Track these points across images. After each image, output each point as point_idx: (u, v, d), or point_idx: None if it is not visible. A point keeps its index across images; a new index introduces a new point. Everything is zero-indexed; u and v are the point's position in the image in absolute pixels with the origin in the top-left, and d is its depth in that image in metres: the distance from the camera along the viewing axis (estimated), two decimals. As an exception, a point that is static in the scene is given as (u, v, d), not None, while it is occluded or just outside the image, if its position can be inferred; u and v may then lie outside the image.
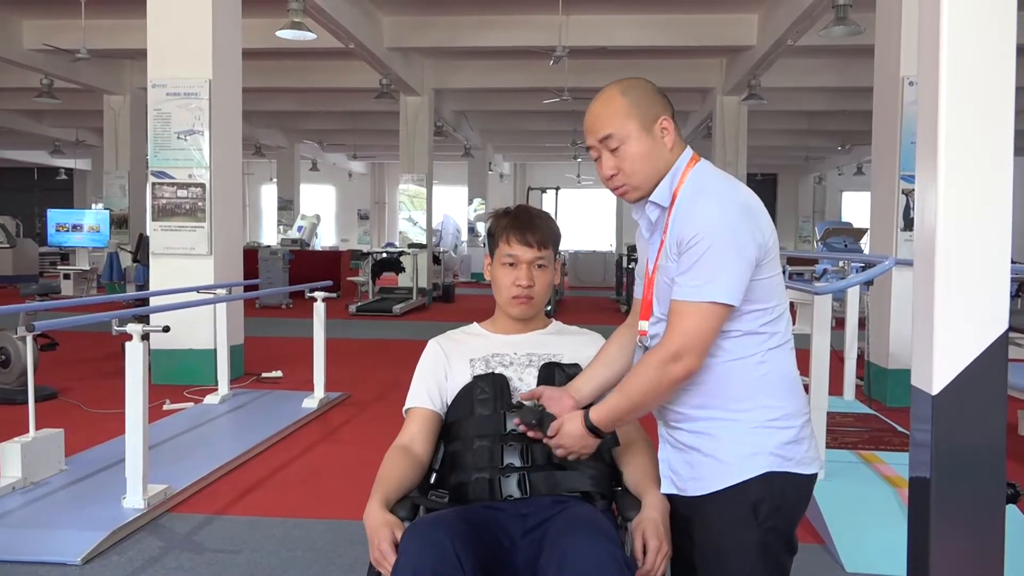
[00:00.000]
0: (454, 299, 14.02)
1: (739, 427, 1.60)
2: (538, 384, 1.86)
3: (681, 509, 1.68)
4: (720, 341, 1.59)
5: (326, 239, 25.40)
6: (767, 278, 1.59)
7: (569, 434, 1.65)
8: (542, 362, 1.90)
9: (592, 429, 1.64)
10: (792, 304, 4.88)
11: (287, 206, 21.62)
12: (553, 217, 2.00)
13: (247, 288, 7.28)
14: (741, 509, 1.58)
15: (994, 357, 1.56)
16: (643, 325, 1.71)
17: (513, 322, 1.98)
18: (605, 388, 1.79)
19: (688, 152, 1.67)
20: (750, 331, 1.60)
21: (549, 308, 9.90)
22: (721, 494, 1.60)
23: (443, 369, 1.93)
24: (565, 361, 1.90)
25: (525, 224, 1.91)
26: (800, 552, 1.70)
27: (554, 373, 1.87)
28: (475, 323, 2.06)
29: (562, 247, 2.07)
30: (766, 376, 1.60)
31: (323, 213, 22.41)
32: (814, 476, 1.65)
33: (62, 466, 3.81)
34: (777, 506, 1.59)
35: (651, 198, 1.66)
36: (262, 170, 24.48)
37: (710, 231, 1.53)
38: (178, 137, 6.29)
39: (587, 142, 1.68)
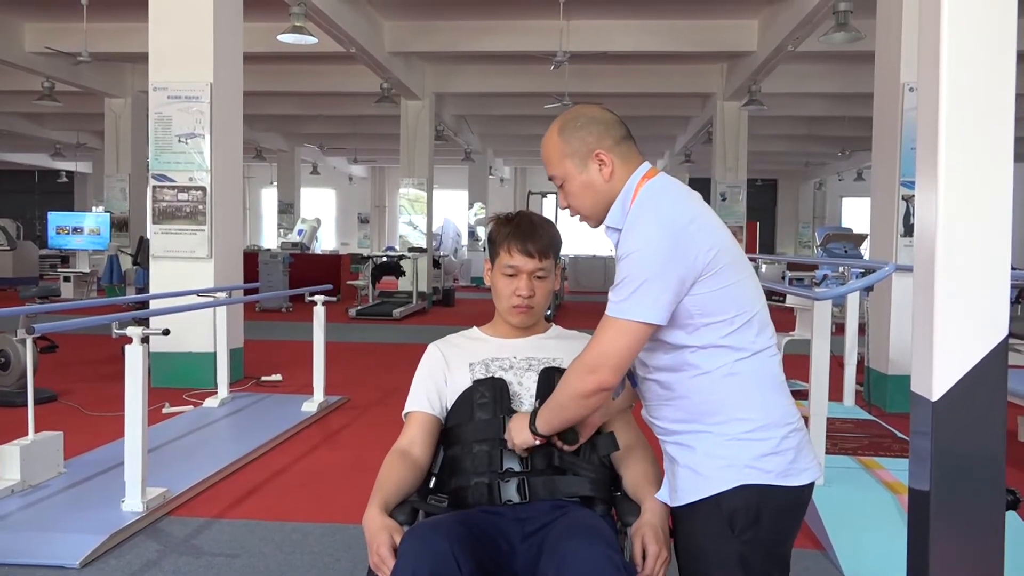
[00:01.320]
0: (454, 303, 14.02)
1: (713, 439, 1.58)
2: (537, 387, 1.86)
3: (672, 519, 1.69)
4: (685, 356, 1.59)
5: (326, 243, 25.41)
6: (720, 289, 1.56)
7: (518, 435, 1.74)
8: (542, 366, 1.90)
9: (535, 432, 1.71)
10: (792, 310, 4.90)
11: (287, 209, 21.64)
12: (554, 223, 2.00)
13: (247, 291, 7.27)
14: (717, 522, 1.57)
15: (994, 363, 1.56)
16: None
17: (513, 327, 1.98)
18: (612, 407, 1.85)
19: (642, 169, 1.66)
20: (711, 344, 1.57)
21: (549, 312, 9.85)
22: (698, 506, 1.59)
23: (443, 373, 1.93)
24: (565, 366, 1.90)
25: (527, 234, 1.89)
26: (800, 559, 1.70)
27: (553, 377, 1.86)
28: (475, 327, 2.05)
29: (562, 252, 2.07)
30: (737, 388, 1.58)
31: (323, 217, 22.44)
32: (803, 488, 1.60)
33: (61, 469, 3.80)
34: (754, 519, 1.56)
35: (606, 223, 1.68)
36: (263, 173, 24.51)
37: (637, 250, 1.54)
38: (179, 140, 6.30)
39: None
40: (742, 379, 1.58)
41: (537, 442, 1.72)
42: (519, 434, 1.73)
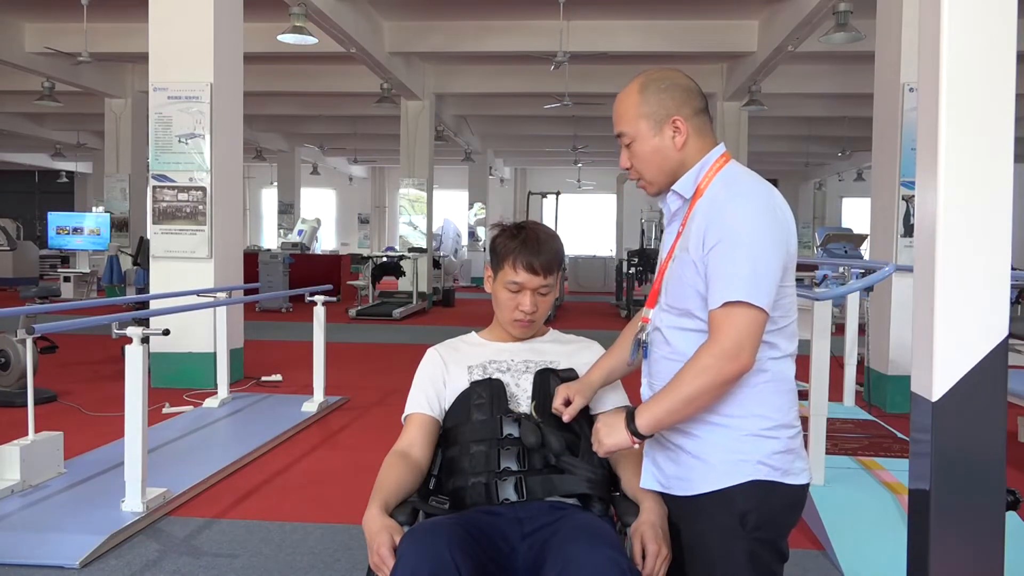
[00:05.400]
0: (454, 303, 14.02)
1: (729, 433, 1.58)
2: (533, 389, 1.86)
3: (671, 511, 1.68)
4: None
5: (326, 243, 25.41)
6: (786, 286, 1.58)
7: (611, 439, 1.62)
8: (538, 368, 1.90)
9: (635, 433, 1.59)
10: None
11: (287, 210, 21.64)
12: (557, 233, 1.98)
13: (247, 292, 7.27)
14: (729, 520, 1.57)
15: (994, 363, 1.56)
16: (646, 313, 1.72)
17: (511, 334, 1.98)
18: (613, 375, 1.86)
19: (719, 149, 1.66)
20: None
21: (549, 313, 9.75)
22: (708, 501, 1.59)
23: (441, 376, 1.93)
24: (561, 366, 1.91)
25: (533, 250, 1.87)
26: (800, 559, 1.70)
27: (549, 378, 1.87)
28: (473, 332, 2.06)
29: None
30: (765, 385, 1.58)
31: (323, 217, 22.45)
32: (805, 487, 1.63)
33: (61, 469, 3.80)
34: (765, 518, 1.58)
35: (674, 187, 1.65)
36: (263, 174, 24.51)
37: (745, 233, 1.51)
38: (179, 140, 6.30)
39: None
40: (769, 377, 1.58)
41: (636, 446, 1.61)
42: (611, 435, 1.61)
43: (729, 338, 1.50)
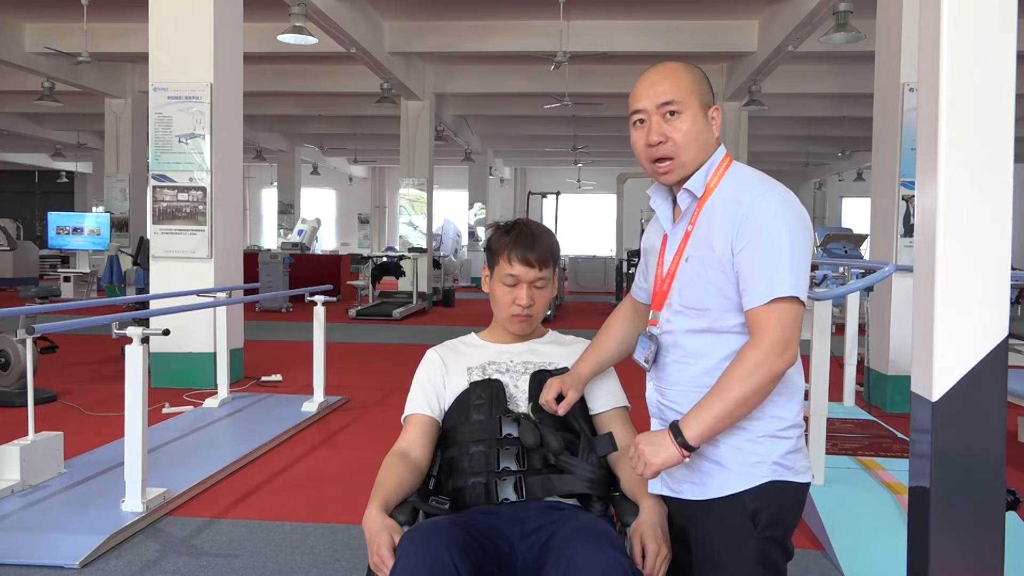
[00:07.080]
0: (454, 303, 14.02)
1: (746, 436, 1.58)
2: (530, 389, 1.87)
3: (676, 513, 1.68)
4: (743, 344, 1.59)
5: (326, 243, 25.42)
6: None
7: (658, 458, 1.55)
8: (536, 370, 1.91)
9: (684, 445, 1.53)
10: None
11: (287, 210, 21.65)
12: (552, 230, 1.99)
13: (247, 292, 7.27)
14: (740, 519, 1.57)
15: (994, 363, 1.56)
16: (654, 315, 1.71)
17: (511, 334, 1.98)
18: (601, 367, 1.88)
19: (723, 149, 1.67)
20: None
21: (549, 313, 9.83)
22: (721, 503, 1.59)
23: (441, 378, 1.94)
24: (560, 366, 1.91)
25: (527, 243, 1.89)
26: (800, 559, 1.70)
27: (545, 379, 1.87)
28: (472, 333, 2.06)
29: (562, 252, 2.07)
30: (780, 385, 1.58)
31: (323, 217, 22.46)
32: (808, 485, 1.65)
33: (61, 469, 3.80)
34: (776, 517, 1.58)
35: (686, 185, 1.64)
36: (263, 174, 24.52)
37: (782, 230, 1.53)
38: (179, 140, 6.30)
39: (637, 106, 1.63)
40: (785, 376, 1.58)
41: (687, 459, 1.55)
42: (658, 453, 1.54)
43: (775, 333, 1.52)
